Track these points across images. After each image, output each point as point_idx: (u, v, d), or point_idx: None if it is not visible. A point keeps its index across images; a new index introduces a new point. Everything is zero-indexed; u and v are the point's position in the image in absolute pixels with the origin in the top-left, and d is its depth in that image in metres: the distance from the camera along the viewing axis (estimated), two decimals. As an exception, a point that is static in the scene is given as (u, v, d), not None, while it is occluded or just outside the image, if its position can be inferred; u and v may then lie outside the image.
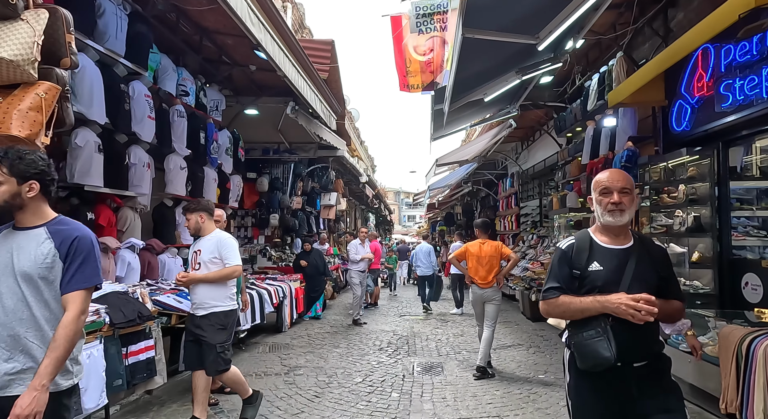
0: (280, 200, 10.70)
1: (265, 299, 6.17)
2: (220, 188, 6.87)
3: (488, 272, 5.41)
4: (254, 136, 9.23)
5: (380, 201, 23.94)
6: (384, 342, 6.80)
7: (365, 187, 15.77)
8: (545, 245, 10.54)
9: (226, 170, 6.98)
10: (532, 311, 8.86)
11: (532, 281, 9.30)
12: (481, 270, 5.42)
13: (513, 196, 13.69)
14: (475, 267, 5.49)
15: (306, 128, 7.66)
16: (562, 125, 8.93)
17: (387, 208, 31.38)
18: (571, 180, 8.91)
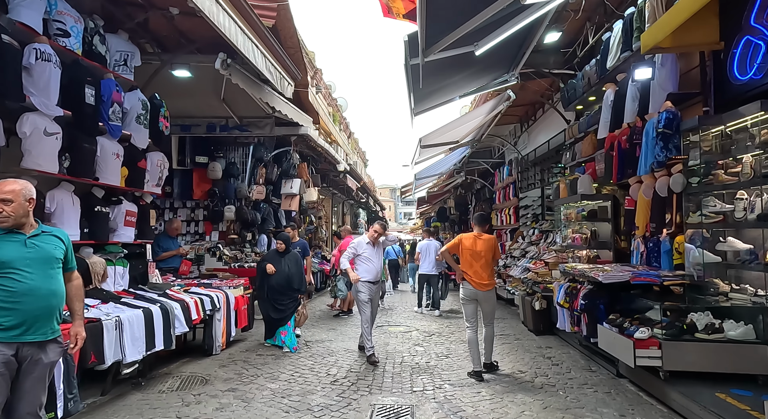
0: (236, 190, 9.05)
1: (176, 315, 4.53)
2: (128, 167, 5.21)
3: (483, 269, 5.13)
4: (193, 107, 7.57)
5: (368, 195, 22.28)
6: (342, 370, 5.16)
7: (346, 177, 14.11)
8: (549, 241, 8.94)
9: (138, 143, 5.32)
10: (535, 322, 7.25)
11: (535, 284, 7.68)
12: (475, 265, 5.12)
13: (511, 186, 12.07)
14: (469, 262, 5.16)
15: (249, 92, 6.01)
16: (571, 96, 7.32)
17: (378, 203, 29.73)
18: (582, 161, 7.29)
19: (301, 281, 6.42)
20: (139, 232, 5.62)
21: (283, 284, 6.21)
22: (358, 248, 5.91)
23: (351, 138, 31.78)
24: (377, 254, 5.96)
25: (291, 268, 6.32)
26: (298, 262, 6.52)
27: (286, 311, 6.19)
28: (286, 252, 6.48)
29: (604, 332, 4.72)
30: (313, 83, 20.31)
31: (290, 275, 6.26)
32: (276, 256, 6.46)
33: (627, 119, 5.58)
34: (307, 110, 8.48)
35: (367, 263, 5.84)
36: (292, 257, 6.47)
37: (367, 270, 5.81)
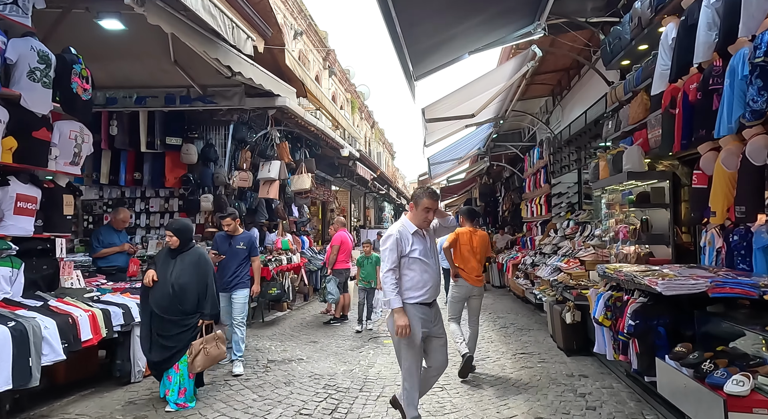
0: (214, 176, 7.84)
1: (43, 337, 3.25)
2: (17, 138, 4.01)
3: (479, 265, 5.03)
4: (146, 74, 6.37)
5: (389, 187, 20.84)
6: (288, 412, 3.79)
7: (356, 165, 12.73)
8: (587, 234, 7.24)
9: (33, 107, 4.12)
10: (566, 339, 5.64)
11: (567, 289, 6.05)
12: (472, 261, 4.99)
13: (542, 171, 10.32)
14: (466, 258, 5.00)
15: (191, 45, 4.71)
16: (615, 47, 5.62)
17: (403, 196, 28.25)
18: (630, 130, 5.59)
19: (200, 299, 3.87)
20: (46, 223, 4.45)
21: (166, 303, 3.76)
22: (401, 244, 3.28)
23: (375, 127, 30.46)
24: (432, 251, 3.41)
25: (183, 277, 3.81)
26: (201, 268, 3.93)
27: (173, 347, 3.76)
28: (182, 252, 3.95)
29: (668, 372, 3.12)
30: (326, 65, 19.07)
31: (180, 289, 3.77)
32: (166, 258, 3.97)
33: (698, 57, 3.86)
34: (288, 78, 7.13)
35: (416, 269, 3.27)
36: (190, 259, 3.92)
37: (418, 283, 3.26)
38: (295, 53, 14.70)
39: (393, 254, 3.23)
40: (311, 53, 16.85)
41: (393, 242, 3.26)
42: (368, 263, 7.33)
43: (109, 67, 6.15)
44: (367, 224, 22.89)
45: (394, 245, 3.25)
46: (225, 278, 5.13)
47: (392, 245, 3.26)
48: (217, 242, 5.42)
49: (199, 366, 3.78)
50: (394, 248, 3.24)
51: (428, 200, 3.31)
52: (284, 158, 7.83)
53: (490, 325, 7.43)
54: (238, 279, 5.18)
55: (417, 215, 3.34)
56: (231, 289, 5.14)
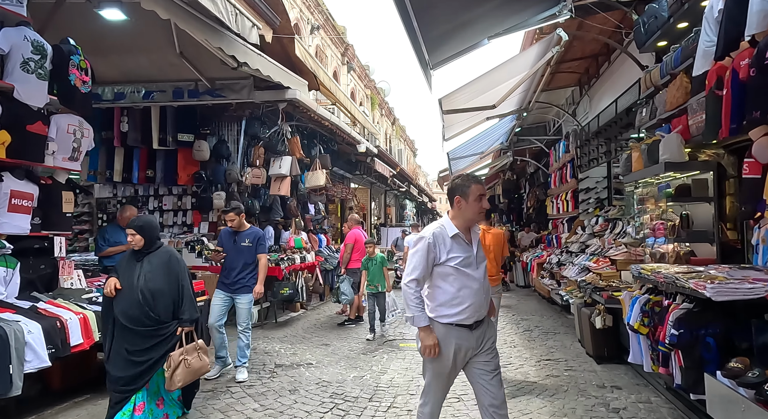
0: (226, 173, 7.66)
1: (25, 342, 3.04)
2: (10, 132, 3.84)
3: (492, 264, 4.62)
4: (153, 68, 6.21)
5: (410, 184, 20.46)
6: None
7: (374, 162, 12.42)
8: (618, 231, 6.73)
9: (27, 99, 3.95)
10: (596, 345, 5.19)
11: (597, 290, 5.58)
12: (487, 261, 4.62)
13: (568, 165, 9.78)
14: None
15: (193, 34, 4.49)
16: (650, 27, 5.14)
17: (425, 194, 27.81)
18: (667, 117, 5.08)
19: (175, 305, 3.29)
20: (44, 220, 4.29)
21: (135, 313, 3.15)
22: (435, 249, 2.57)
23: (396, 124, 30.10)
24: (477, 261, 2.65)
25: (154, 281, 3.21)
26: (173, 269, 3.33)
27: (145, 361, 3.14)
28: (148, 253, 3.33)
29: (720, 391, 2.68)
30: (345, 61, 18.82)
31: (151, 296, 3.18)
32: (129, 262, 3.34)
33: (752, 28, 3.37)
34: (300, 71, 6.86)
35: (453, 281, 2.57)
36: (159, 260, 3.31)
37: (454, 299, 2.56)
38: (311, 49, 14.49)
39: (422, 260, 2.53)
40: (329, 49, 16.62)
41: (424, 246, 2.54)
42: (373, 264, 6.62)
43: (115, 61, 6.02)
44: (388, 223, 22.58)
45: (425, 251, 2.53)
46: (229, 278, 4.75)
47: (423, 249, 2.53)
48: (222, 239, 5.05)
49: (180, 381, 3.17)
50: (424, 254, 2.53)
51: (477, 184, 2.63)
52: (296, 153, 7.58)
53: (513, 328, 7.01)
54: (244, 282, 4.73)
55: (466, 211, 2.59)
56: (235, 291, 4.72)
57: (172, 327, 3.24)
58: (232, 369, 4.71)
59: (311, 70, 7.03)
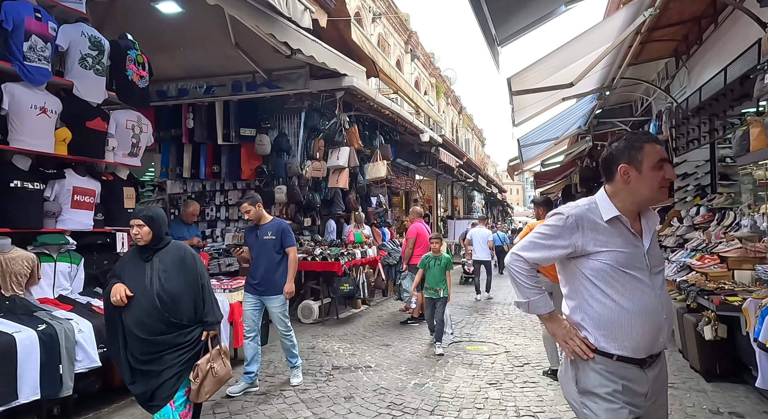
0: (287, 166, 7.58)
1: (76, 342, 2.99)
2: (70, 128, 3.88)
3: None
4: (212, 62, 6.21)
5: (477, 174, 19.61)
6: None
7: (439, 151, 11.88)
8: (728, 223, 5.70)
9: (86, 96, 3.98)
10: (704, 359, 4.37)
11: (704, 294, 4.70)
12: None
13: (661, 148, 8.60)
14: None
15: (243, 20, 4.30)
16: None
17: (494, 184, 26.67)
18: (801, 81, 4.10)
19: (197, 306, 2.78)
20: (107, 216, 4.34)
21: (153, 321, 2.66)
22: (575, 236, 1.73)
23: (462, 113, 29.10)
24: (652, 261, 1.75)
25: (172, 282, 2.71)
26: (190, 266, 2.80)
27: (160, 376, 2.66)
28: (157, 249, 2.77)
29: None
30: (408, 49, 18.31)
31: (171, 300, 2.69)
32: (134, 262, 2.79)
33: None
34: (357, 57, 6.54)
35: (613, 293, 1.68)
36: (173, 257, 2.78)
37: (619, 319, 1.66)
38: (373, 37, 14.18)
39: (546, 243, 1.75)
40: (391, 37, 16.22)
41: (556, 226, 1.74)
42: (436, 265, 5.56)
43: (176, 57, 6.08)
44: (456, 215, 21.89)
45: (556, 233, 1.73)
46: (256, 278, 4.16)
47: (552, 230, 1.74)
48: (246, 236, 4.45)
49: (207, 392, 2.76)
50: (552, 236, 1.74)
51: (653, 144, 1.70)
52: (354, 143, 7.30)
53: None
54: (272, 281, 4.13)
55: (637, 186, 1.70)
56: (263, 293, 4.16)
57: (196, 332, 2.76)
58: (257, 389, 4.15)
59: (369, 56, 6.69)
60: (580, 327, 1.73)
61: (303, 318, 6.78)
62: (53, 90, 3.90)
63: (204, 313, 2.77)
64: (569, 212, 1.74)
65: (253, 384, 4.07)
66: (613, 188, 1.77)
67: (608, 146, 1.85)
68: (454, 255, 15.87)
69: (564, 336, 1.73)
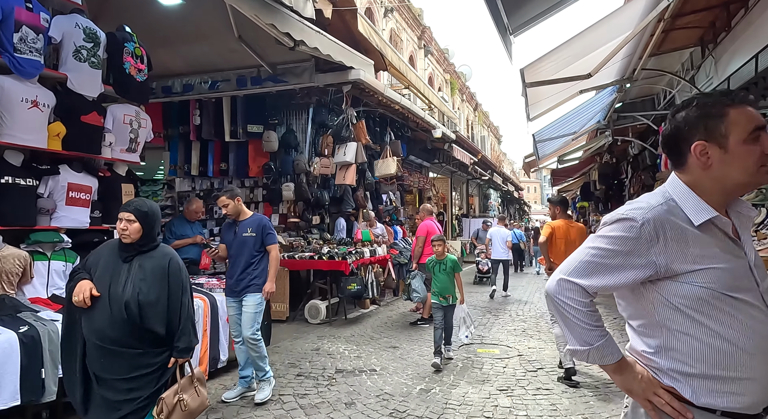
0: (294, 163, 7.44)
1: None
2: (65, 123, 3.78)
3: None
4: (216, 56, 6.09)
5: (493, 172, 19.24)
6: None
7: (452, 148, 11.62)
8: (760, 221, 5.34)
9: (81, 89, 3.87)
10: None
11: None
12: None
13: (685, 142, 8.19)
14: (562, 253, 4.49)
15: (241, 9, 4.15)
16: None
17: (511, 182, 26.21)
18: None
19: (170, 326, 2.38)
20: (104, 214, 4.24)
21: (115, 333, 2.28)
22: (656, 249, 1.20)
23: (478, 110, 28.67)
24: (758, 273, 1.23)
25: (146, 292, 2.31)
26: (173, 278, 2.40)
27: (118, 410, 2.26)
28: (142, 252, 2.41)
29: None
30: (421, 44, 18.03)
31: (140, 311, 2.30)
32: (113, 261, 2.41)
33: None
34: (365, 50, 6.35)
35: (722, 322, 1.18)
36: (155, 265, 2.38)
37: (726, 359, 1.18)
38: (385, 33, 13.96)
39: (613, 271, 1.24)
40: (404, 32, 15.97)
41: (629, 240, 1.22)
42: (442, 270, 5.00)
43: (180, 52, 5.98)
44: (471, 213, 21.55)
45: (629, 247, 1.22)
46: (233, 278, 3.83)
47: (624, 245, 1.23)
48: (222, 233, 4.14)
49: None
50: (625, 253, 1.22)
51: (742, 108, 1.21)
52: (361, 139, 7.11)
53: (615, 335, 5.93)
54: (250, 279, 3.79)
55: (725, 169, 1.22)
56: (241, 292, 3.80)
57: (163, 357, 2.34)
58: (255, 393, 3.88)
59: (377, 49, 6.49)
60: (666, 374, 1.23)
61: (310, 318, 6.62)
62: (49, 84, 3.80)
63: (177, 336, 2.35)
64: (643, 216, 1.19)
65: (249, 387, 3.90)
66: (688, 176, 1.26)
67: (671, 117, 1.32)
68: (468, 254, 15.58)
69: (645, 393, 1.24)
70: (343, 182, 7.10)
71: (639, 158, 11.96)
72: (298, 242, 7.26)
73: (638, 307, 1.29)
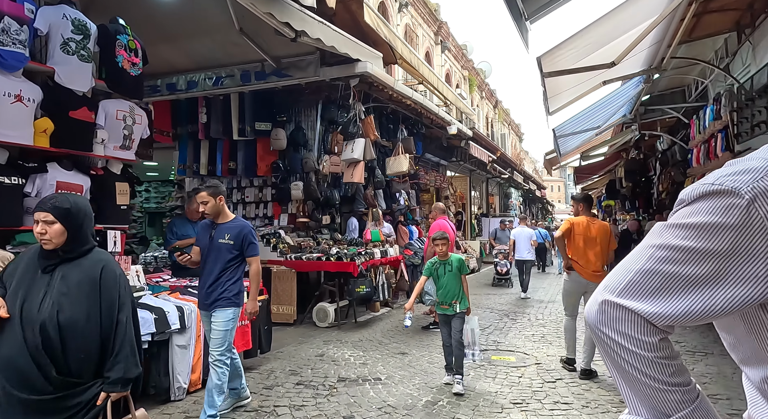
0: (303, 161, 7.23)
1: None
2: (53, 119, 3.63)
3: (597, 258, 4.41)
4: (219, 51, 5.90)
5: (513, 170, 18.71)
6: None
7: (469, 145, 11.23)
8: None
9: (70, 83, 3.71)
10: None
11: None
12: (589, 253, 4.42)
13: (719, 135, 7.64)
14: (581, 250, 4.45)
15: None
16: None
17: (530, 179, 25.54)
18: None
19: (104, 353, 1.90)
20: (98, 214, 4.03)
21: (25, 364, 1.76)
22: None
23: (498, 107, 28.06)
24: None
25: (69, 308, 1.82)
26: (107, 290, 1.92)
27: None
28: (69, 259, 1.92)
29: None
30: (438, 40, 17.65)
31: (59, 334, 1.80)
32: (31, 272, 1.92)
33: None
34: (373, 42, 6.08)
35: None
36: (84, 275, 1.90)
37: None
38: (400, 28, 13.66)
39: (706, 284, 0.66)
40: (420, 28, 15.64)
41: (730, 226, 0.64)
42: (447, 272, 4.23)
43: (182, 47, 5.83)
44: (491, 212, 21.04)
45: (732, 241, 0.64)
46: (204, 288, 3.38)
47: (722, 239, 0.64)
48: (198, 235, 3.67)
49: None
50: (724, 254, 0.64)
51: None
52: (370, 134, 6.84)
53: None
54: (221, 291, 3.30)
55: None
56: (211, 306, 3.32)
57: (90, 393, 1.84)
58: (249, 401, 3.66)
59: (386, 41, 6.20)
60: None
61: (318, 321, 6.39)
62: (40, 79, 3.66)
63: (110, 363, 1.86)
64: (753, 185, 0.63)
65: (240, 397, 3.64)
66: None
67: None
68: (487, 255, 15.13)
69: None
70: (351, 179, 6.85)
71: (668, 154, 11.34)
72: (306, 243, 7.04)
73: (764, 347, 0.69)
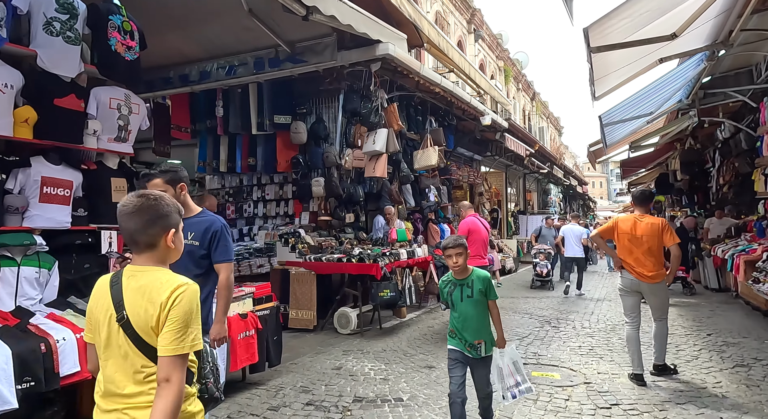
0: (324, 156, 6.77)
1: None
2: (36, 108, 3.28)
3: (646, 257, 4.14)
4: (231, 37, 5.51)
5: (552, 164, 17.67)
6: None
7: (504, 138, 10.47)
8: None
9: (54, 68, 3.36)
10: None
11: None
12: (636, 252, 4.18)
13: (798, 118, 6.63)
14: (627, 248, 4.23)
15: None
16: None
17: (573, 176, 24.23)
18: None
19: None
20: (91, 212, 3.74)
21: None
22: None
23: (536, 100, 26.83)
24: None
25: None
26: None
27: None
28: None
29: None
30: (471, 28, 16.84)
31: None
32: None
33: None
34: (397, 22, 5.53)
35: None
36: None
37: None
38: (430, 15, 13.02)
39: None
40: (451, 15, 14.92)
41: None
42: (464, 296, 2.88)
43: (192, 34, 5.47)
44: (528, 210, 20.04)
45: None
46: None
47: None
48: None
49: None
50: None
51: None
52: (393, 124, 6.28)
53: (715, 359, 4.69)
54: None
55: None
56: None
57: None
58: None
59: (411, 20, 5.64)
60: None
61: (339, 327, 5.91)
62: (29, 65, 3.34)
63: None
64: None
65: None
66: None
67: None
68: (525, 254, 14.25)
69: None
70: (373, 174, 6.32)
71: (731, 142, 10.18)
72: (328, 242, 6.58)
73: None
